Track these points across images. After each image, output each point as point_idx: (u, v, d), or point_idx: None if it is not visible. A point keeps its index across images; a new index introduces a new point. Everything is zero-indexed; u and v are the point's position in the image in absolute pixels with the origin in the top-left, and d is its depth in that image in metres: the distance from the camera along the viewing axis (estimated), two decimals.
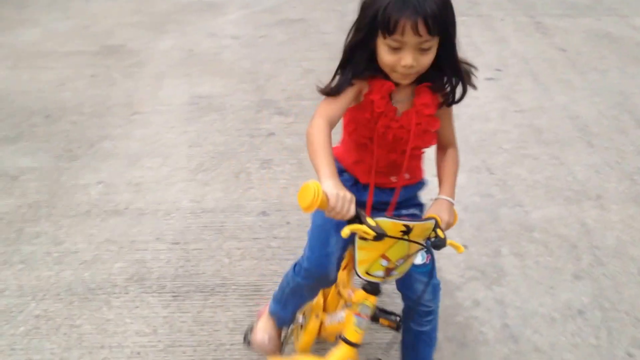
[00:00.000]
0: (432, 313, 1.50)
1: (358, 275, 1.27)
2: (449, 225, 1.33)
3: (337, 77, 1.30)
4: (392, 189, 1.43)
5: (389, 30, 1.17)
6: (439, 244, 1.23)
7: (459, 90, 1.33)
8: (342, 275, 1.61)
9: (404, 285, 1.46)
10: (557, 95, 3.57)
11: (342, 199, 1.10)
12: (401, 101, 1.32)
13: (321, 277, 1.48)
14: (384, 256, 1.23)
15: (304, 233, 1.57)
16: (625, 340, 1.94)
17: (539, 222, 2.47)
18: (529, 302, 2.06)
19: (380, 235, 1.15)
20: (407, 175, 1.44)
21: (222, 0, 4.97)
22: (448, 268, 2.18)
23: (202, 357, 1.81)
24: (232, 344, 1.86)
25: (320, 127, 1.23)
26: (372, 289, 1.31)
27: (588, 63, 4.00)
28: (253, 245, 2.27)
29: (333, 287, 1.67)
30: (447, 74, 1.31)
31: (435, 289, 1.50)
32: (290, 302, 1.61)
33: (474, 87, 1.33)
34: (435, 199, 1.37)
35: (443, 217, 1.31)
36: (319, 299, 1.68)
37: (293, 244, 2.26)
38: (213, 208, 2.48)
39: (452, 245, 1.27)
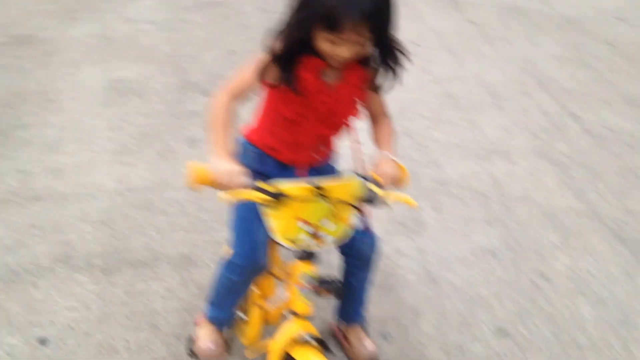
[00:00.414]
0: (373, 263, 1.58)
1: (281, 244, 1.26)
2: (396, 180, 1.28)
3: (275, 67, 1.27)
4: (315, 168, 1.46)
5: (332, 28, 1.17)
6: (371, 198, 1.19)
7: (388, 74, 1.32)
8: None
9: (344, 244, 1.46)
10: (470, 65, 3.80)
11: (229, 173, 1.15)
12: (331, 75, 1.32)
13: (255, 268, 1.48)
14: (301, 219, 1.22)
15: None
16: (529, 272, 2.15)
17: (454, 179, 2.65)
18: (446, 248, 2.23)
19: (275, 195, 1.15)
20: (325, 150, 1.48)
21: None
22: (373, 223, 2.30)
23: (137, 325, 1.83)
24: (167, 312, 1.88)
25: (224, 104, 1.27)
26: (305, 255, 1.30)
27: (497, 34, 4.27)
28: (183, 218, 2.29)
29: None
30: (380, 55, 1.30)
31: (375, 242, 1.55)
32: (227, 302, 1.59)
33: (399, 72, 1.32)
34: (375, 157, 1.34)
35: (384, 171, 1.27)
36: (253, 289, 1.65)
37: (224, 215, 2.29)
38: (139, 187, 2.46)
39: (404, 201, 1.23)
